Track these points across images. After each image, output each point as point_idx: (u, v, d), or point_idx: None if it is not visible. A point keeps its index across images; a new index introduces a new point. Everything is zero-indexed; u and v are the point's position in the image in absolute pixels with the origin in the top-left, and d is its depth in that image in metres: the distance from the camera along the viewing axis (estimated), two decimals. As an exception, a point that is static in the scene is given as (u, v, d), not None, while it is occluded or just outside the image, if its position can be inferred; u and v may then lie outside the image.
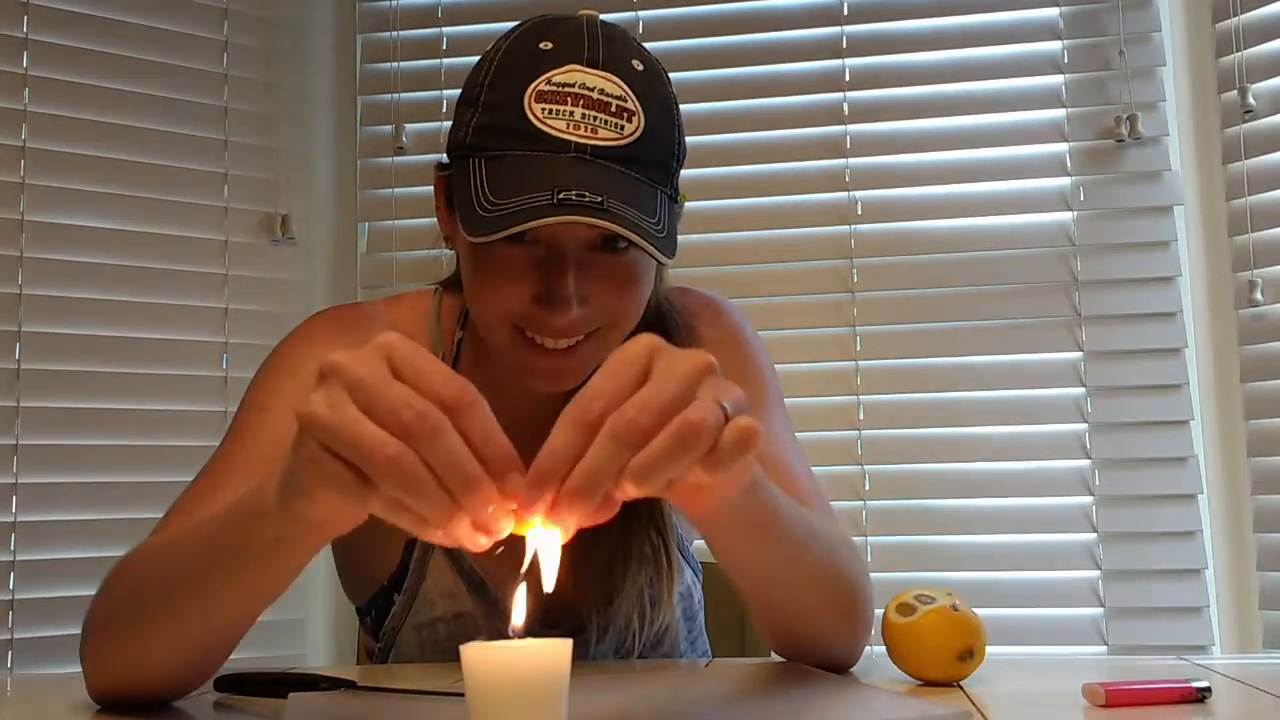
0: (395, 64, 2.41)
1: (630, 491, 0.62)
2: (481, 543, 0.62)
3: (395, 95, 2.41)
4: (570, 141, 0.90)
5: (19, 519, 2.00)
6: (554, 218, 0.86)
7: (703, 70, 2.32)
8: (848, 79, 2.28)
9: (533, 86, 0.91)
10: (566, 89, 0.91)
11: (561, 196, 0.86)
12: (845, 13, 2.29)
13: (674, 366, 0.64)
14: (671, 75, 1.01)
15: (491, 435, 0.61)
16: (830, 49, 2.29)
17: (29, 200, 2.06)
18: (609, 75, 0.92)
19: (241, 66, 2.30)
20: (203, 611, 0.79)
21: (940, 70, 2.25)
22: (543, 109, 0.90)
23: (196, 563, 0.78)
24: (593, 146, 0.90)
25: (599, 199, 0.87)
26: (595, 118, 0.90)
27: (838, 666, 0.96)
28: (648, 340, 0.66)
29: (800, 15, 2.31)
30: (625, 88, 0.92)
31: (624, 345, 0.65)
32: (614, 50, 0.94)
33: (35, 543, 2.01)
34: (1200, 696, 0.79)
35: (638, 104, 0.92)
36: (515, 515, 0.61)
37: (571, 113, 0.90)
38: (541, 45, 0.93)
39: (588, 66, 0.92)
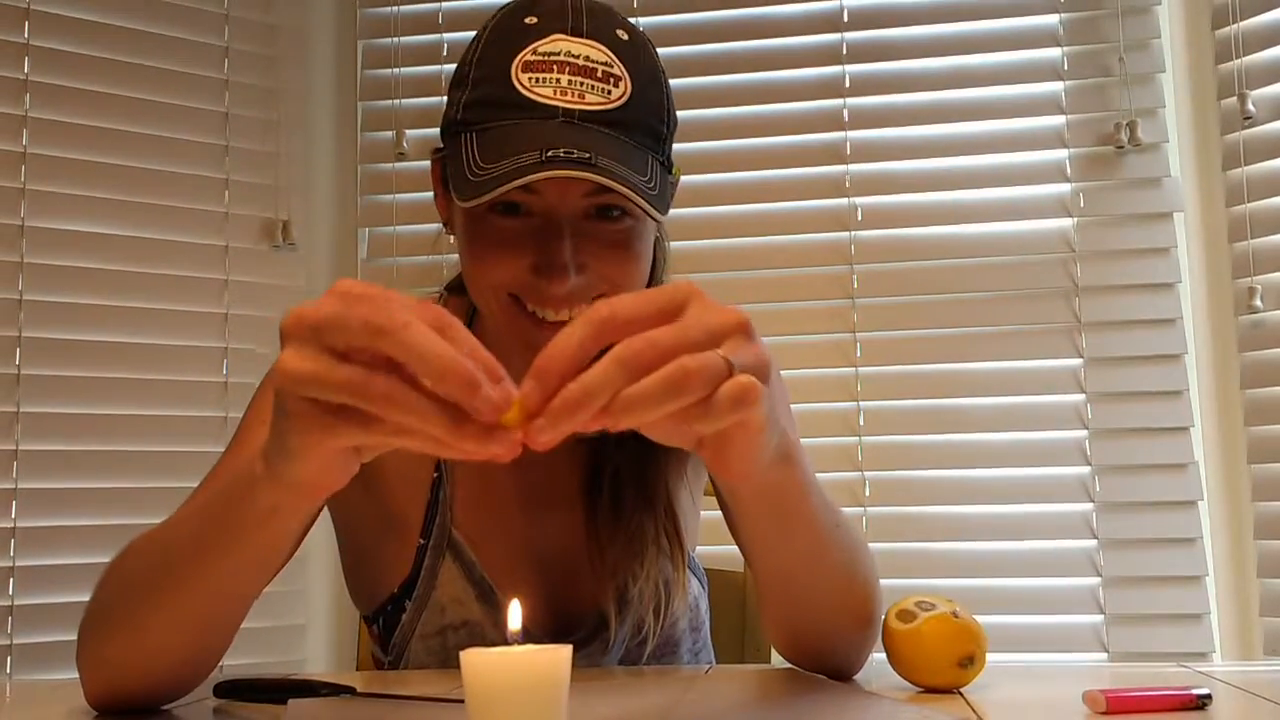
0: (396, 70, 2.42)
1: (616, 421, 0.61)
2: (494, 450, 0.60)
3: (396, 101, 2.41)
4: (558, 107, 0.91)
5: (19, 524, 2.00)
6: (541, 174, 0.87)
7: (703, 77, 2.32)
8: (848, 85, 2.28)
9: (519, 58, 0.92)
10: (552, 57, 0.92)
11: (549, 154, 0.87)
12: (845, 19, 2.29)
13: (705, 316, 0.63)
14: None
15: (468, 341, 0.60)
16: (830, 55, 2.30)
17: (30, 205, 2.06)
18: (593, 43, 0.93)
19: (242, 72, 2.30)
20: (199, 591, 0.78)
21: (940, 77, 2.25)
22: (529, 78, 0.91)
23: (189, 543, 0.78)
24: (580, 111, 0.91)
25: (587, 155, 0.87)
26: (582, 83, 0.91)
27: (841, 672, 0.96)
28: (690, 285, 0.65)
29: (800, 22, 2.32)
30: (610, 54, 0.93)
31: (669, 284, 0.65)
32: (597, 21, 0.95)
33: (35, 548, 2.01)
34: (1200, 703, 0.79)
35: (624, 70, 0.93)
36: (509, 403, 0.60)
37: (558, 79, 0.91)
38: (526, 20, 0.95)
39: (572, 35, 0.93)
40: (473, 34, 1.00)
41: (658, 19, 2.35)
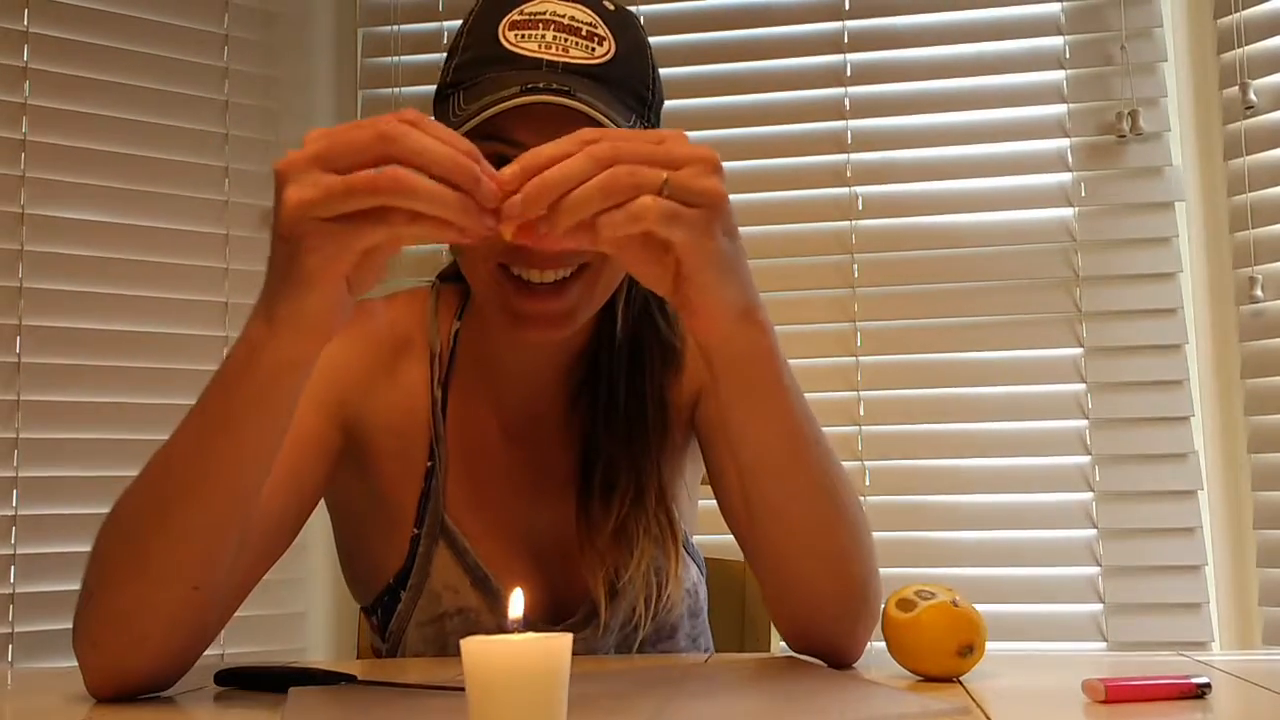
0: (396, 58, 2.41)
1: (559, 221, 0.71)
2: (490, 226, 0.71)
3: (396, 89, 2.40)
4: (542, 59, 0.93)
5: (20, 513, 2.00)
6: (520, 99, 0.88)
7: (704, 65, 2.31)
8: (849, 74, 2.28)
9: (506, 18, 0.95)
10: (538, 16, 0.95)
11: (529, 87, 0.89)
12: (847, 7, 2.29)
13: (678, 145, 0.74)
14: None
15: (452, 136, 0.70)
16: (832, 44, 2.29)
17: (29, 194, 2.06)
18: (579, 5, 0.96)
19: (242, 60, 2.30)
20: (201, 493, 0.81)
21: (942, 65, 2.25)
22: (515, 35, 0.94)
23: (190, 442, 0.81)
24: (564, 63, 0.93)
25: (566, 88, 0.90)
26: (566, 39, 0.94)
27: (840, 657, 0.96)
28: (678, 131, 0.75)
29: (802, 10, 2.31)
30: (596, 16, 0.96)
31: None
32: None
33: (36, 537, 2.01)
34: (1200, 692, 0.79)
35: (608, 31, 0.96)
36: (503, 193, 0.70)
37: (543, 35, 0.94)
38: None
39: None
40: (474, 21, 1.00)
41: (658, 6, 2.34)
